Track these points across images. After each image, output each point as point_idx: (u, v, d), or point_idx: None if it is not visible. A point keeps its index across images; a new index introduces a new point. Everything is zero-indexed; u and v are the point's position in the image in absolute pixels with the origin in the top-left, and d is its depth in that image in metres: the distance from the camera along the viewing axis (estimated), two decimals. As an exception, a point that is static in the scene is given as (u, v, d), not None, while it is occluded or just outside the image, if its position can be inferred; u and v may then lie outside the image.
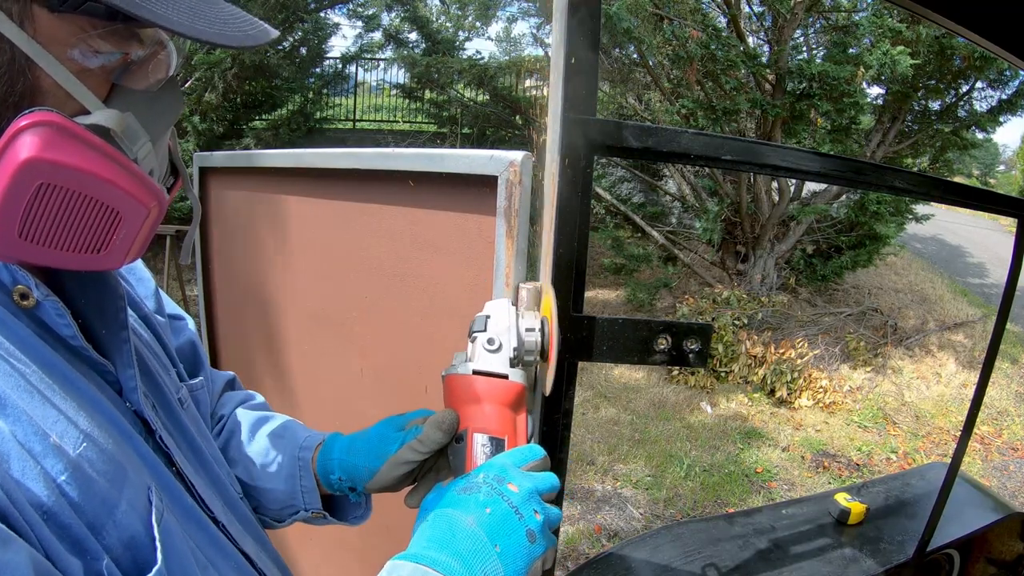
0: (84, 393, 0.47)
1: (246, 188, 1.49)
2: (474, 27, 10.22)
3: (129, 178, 0.45)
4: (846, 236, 6.73)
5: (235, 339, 1.68)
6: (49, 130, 0.41)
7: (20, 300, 0.46)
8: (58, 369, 0.46)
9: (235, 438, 0.76)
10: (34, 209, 0.41)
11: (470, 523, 0.49)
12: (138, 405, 0.53)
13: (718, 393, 5.07)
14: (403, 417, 0.68)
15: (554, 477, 0.56)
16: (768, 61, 5.75)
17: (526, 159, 0.80)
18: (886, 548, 1.30)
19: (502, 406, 0.59)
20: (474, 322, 0.64)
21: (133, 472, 0.46)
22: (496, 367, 0.60)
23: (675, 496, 3.67)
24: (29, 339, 0.45)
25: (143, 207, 0.46)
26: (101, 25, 0.44)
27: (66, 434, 0.42)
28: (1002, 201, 1.05)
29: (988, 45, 0.84)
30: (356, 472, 0.67)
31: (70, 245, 0.44)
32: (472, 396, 0.59)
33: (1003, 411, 5.21)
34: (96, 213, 0.44)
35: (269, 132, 7.19)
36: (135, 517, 0.45)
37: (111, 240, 0.46)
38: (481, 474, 0.53)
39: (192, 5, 0.45)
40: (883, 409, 5.06)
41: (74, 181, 0.42)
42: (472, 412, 0.59)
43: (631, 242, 7.18)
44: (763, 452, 4.26)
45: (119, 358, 0.52)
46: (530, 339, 0.63)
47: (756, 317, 5.83)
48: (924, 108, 6.43)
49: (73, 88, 0.43)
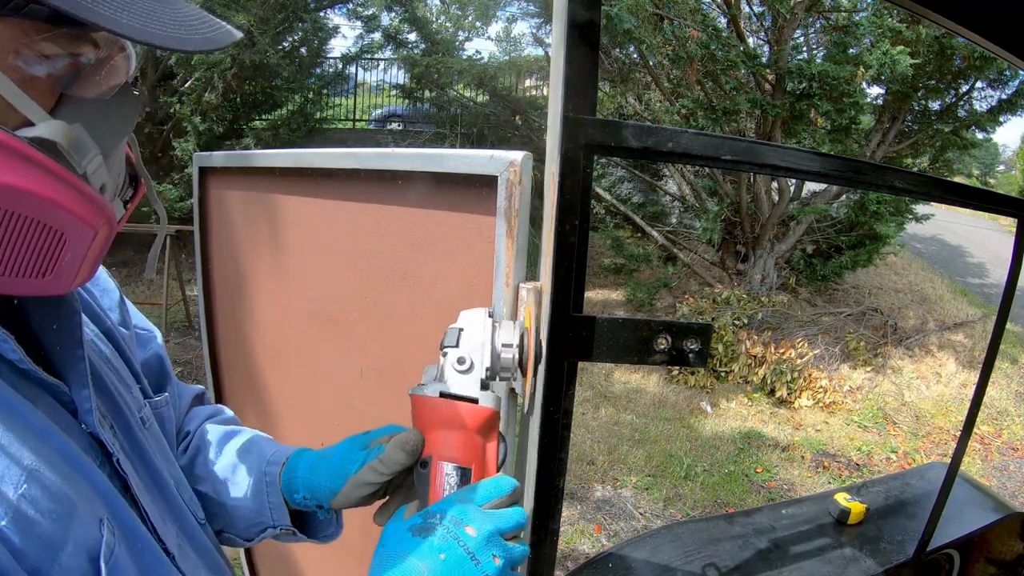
0: (28, 422, 0.44)
1: (246, 188, 1.49)
2: (474, 27, 10.23)
3: (74, 197, 0.42)
4: (846, 236, 6.74)
5: (235, 340, 1.68)
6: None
7: None
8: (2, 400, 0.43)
9: (202, 454, 0.74)
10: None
11: (422, 569, 0.47)
12: (93, 427, 0.50)
13: (718, 393, 5.07)
14: (368, 435, 0.66)
15: (520, 513, 0.53)
16: (768, 61, 5.75)
17: (526, 159, 0.80)
18: (886, 548, 1.30)
19: (470, 432, 0.56)
20: (446, 335, 0.60)
21: (83, 505, 0.44)
22: (465, 390, 0.56)
23: (675, 496, 3.68)
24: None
25: (90, 228, 0.43)
26: (45, 30, 0.41)
27: (6, 474, 0.40)
28: (1002, 201, 1.05)
29: (988, 45, 0.84)
30: (319, 491, 0.65)
31: (12, 270, 0.41)
32: (438, 420, 0.56)
33: (1003, 411, 5.21)
34: (38, 236, 0.41)
35: (269, 132, 7.20)
36: (83, 557, 0.42)
37: (57, 263, 0.43)
38: (438, 514, 0.51)
39: (146, 7, 0.42)
40: (883, 409, 5.06)
41: (12, 202, 0.39)
42: (438, 437, 0.56)
43: (631, 242, 7.18)
44: (763, 452, 4.26)
45: (74, 377, 0.49)
46: (506, 355, 0.59)
47: (756, 317, 5.83)
48: (924, 108, 6.44)
49: (14, 98, 0.40)
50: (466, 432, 0.56)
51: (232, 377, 1.72)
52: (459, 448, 0.55)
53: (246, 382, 1.65)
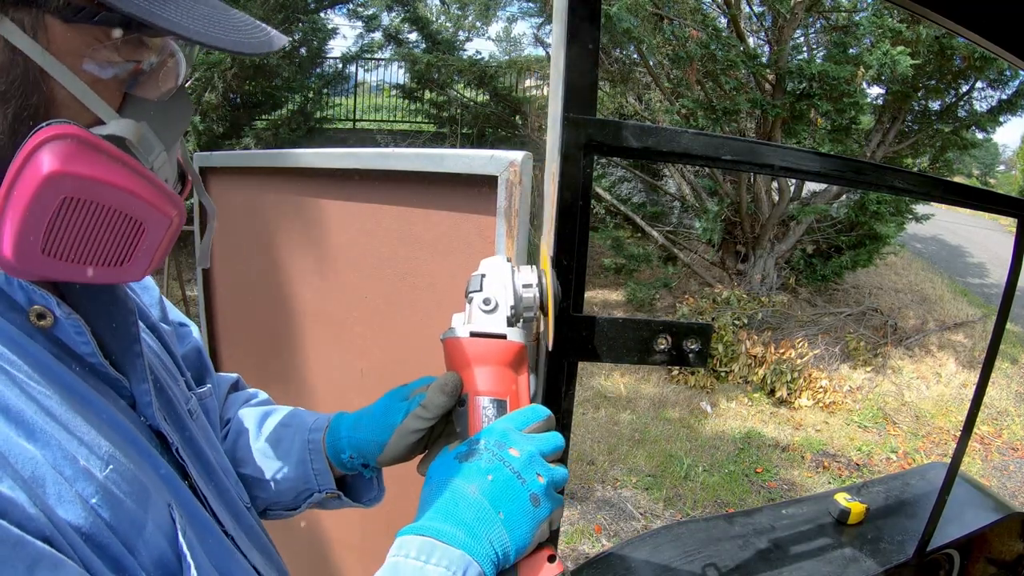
0: (103, 413, 0.47)
1: (246, 188, 1.49)
2: (474, 27, 10.23)
3: (151, 188, 0.44)
4: (846, 236, 6.73)
5: (235, 340, 1.68)
6: (70, 142, 0.40)
7: (37, 320, 0.45)
8: (77, 390, 0.46)
9: (243, 437, 0.76)
10: (58, 224, 0.40)
11: (473, 491, 0.50)
12: (153, 419, 0.53)
13: (718, 393, 5.07)
14: (407, 387, 0.68)
15: (558, 437, 0.56)
16: (768, 61, 5.75)
17: (526, 159, 0.80)
18: (886, 548, 1.30)
19: (502, 366, 0.59)
20: (470, 282, 0.62)
21: (154, 491, 0.47)
22: (493, 327, 0.59)
23: (675, 496, 3.68)
24: (46, 360, 0.45)
25: (165, 217, 0.46)
26: (115, 35, 0.43)
27: (91, 457, 0.43)
28: (1002, 201, 1.05)
29: (988, 45, 0.84)
30: (366, 447, 0.67)
31: (93, 259, 0.43)
32: (471, 358, 0.59)
33: (1003, 411, 5.21)
34: (120, 225, 0.43)
35: (269, 132, 7.19)
36: (161, 536, 0.45)
37: (134, 252, 0.45)
38: (482, 440, 0.53)
39: (206, 13, 0.45)
40: (883, 409, 5.06)
41: (98, 194, 0.41)
42: (473, 375, 0.59)
43: (631, 242, 7.18)
44: (763, 452, 4.26)
45: (133, 372, 0.52)
46: (527, 295, 0.62)
47: (756, 317, 5.83)
48: (924, 108, 6.44)
49: (88, 99, 0.43)
50: (499, 366, 0.59)
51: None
52: (494, 382, 0.58)
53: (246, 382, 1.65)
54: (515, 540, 0.49)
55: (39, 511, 0.37)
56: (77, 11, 0.41)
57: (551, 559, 0.52)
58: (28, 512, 0.36)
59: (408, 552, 0.47)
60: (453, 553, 0.47)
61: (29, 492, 0.37)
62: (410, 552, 0.47)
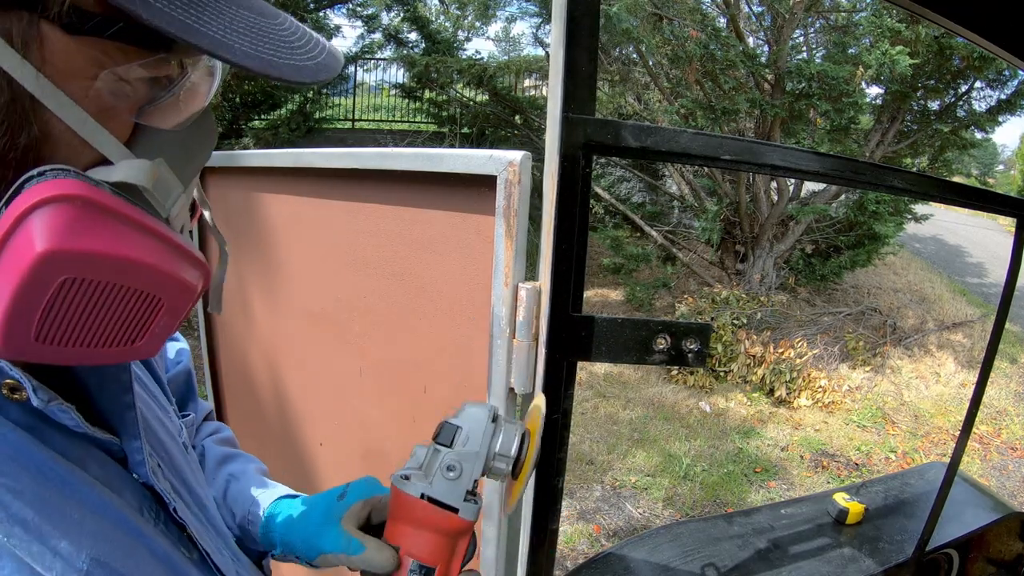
0: (85, 500, 0.39)
1: (245, 188, 1.49)
2: (474, 27, 10.22)
3: (170, 256, 0.36)
4: (845, 236, 6.74)
5: (234, 339, 1.68)
6: (70, 207, 0.31)
7: (10, 394, 0.38)
8: (55, 476, 0.38)
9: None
10: (55, 309, 0.32)
11: None
12: (147, 479, 0.46)
13: (717, 393, 5.07)
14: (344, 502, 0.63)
15: None
16: (767, 61, 5.75)
17: (525, 159, 0.79)
18: (885, 548, 1.30)
19: (444, 537, 0.57)
20: (442, 429, 0.58)
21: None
22: (448, 498, 0.56)
23: (674, 496, 3.68)
24: (17, 441, 0.37)
25: (189, 289, 0.38)
26: (136, 54, 0.34)
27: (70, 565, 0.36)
28: (1001, 201, 1.05)
29: (988, 45, 0.84)
30: (296, 552, 0.64)
31: (97, 341, 0.35)
32: (414, 520, 0.57)
33: (1002, 411, 5.21)
34: (132, 303, 0.35)
35: (269, 132, 7.20)
36: None
37: (149, 329, 0.37)
38: None
39: (252, 24, 0.35)
40: (882, 409, 5.07)
41: (105, 271, 0.33)
42: (409, 534, 0.57)
43: (630, 242, 7.18)
44: (762, 452, 4.26)
45: (123, 428, 0.45)
46: (499, 465, 0.58)
47: (755, 317, 5.84)
48: (923, 108, 6.44)
49: (92, 135, 0.34)
50: (439, 536, 0.57)
51: (231, 377, 1.72)
52: (428, 550, 0.57)
53: (245, 382, 1.65)
54: None
55: None
56: (86, 21, 0.31)
57: None
58: None
59: None
60: None
61: None
62: None
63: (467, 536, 0.59)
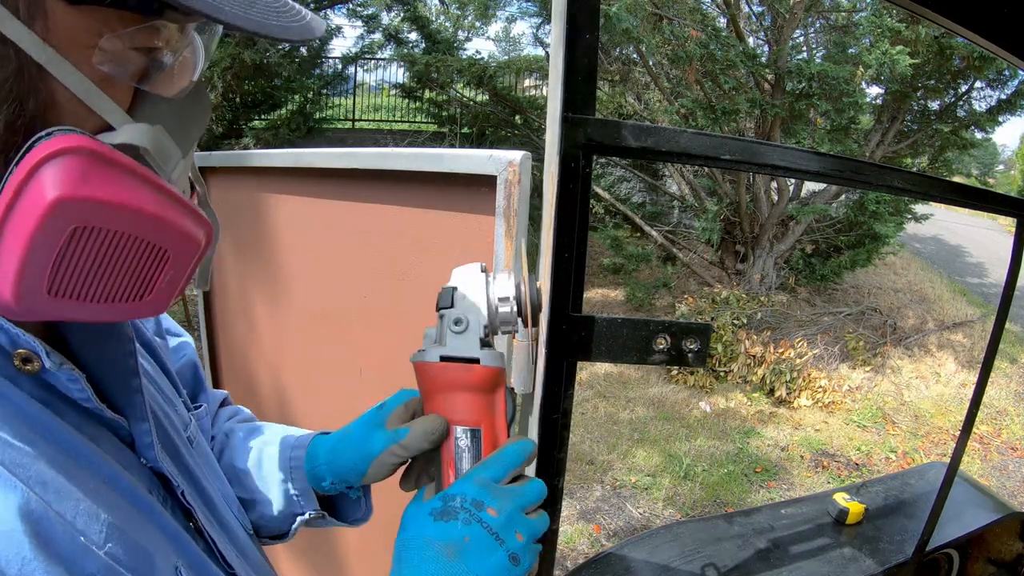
0: (99, 470, 0.41)
1: (245, 188, 1.49)
2: (474, 27, 10.22)
3: (175, 208, 0.38)
4: (845, 236, 6.74)
5: (234, 339, 1.68)
6: (79, 158, 0.33)
7: (22, 365, 0.39)
8: (71, 445, 0.39)
9: (227, 452, 0.73)
10: (66, 259, 0.34)
11: (449, 554, 0.48)
12: (155, 462, 0.47)
13: (717, 393, 5.07)
14: (384, 409, 0.64)
15: (540, 487, 0.54)
16: (767, 61, 5.75)
17: (525, 159, 0.80)
18: (885, 548, 1.30)
19: (475, 393, 0.56)
20: (440, 296, 0.58)
21: (159, 557, 0.42)
22: (465, 351, 0.55)
23: (674, 496, 3.68)
24: (32, 411, 0.38)
25: (192, 241, 0.40)
26: (134, 21, 0.36)
27: (89, 530, 0.37)
28: (1001, 201, 1.05)
29: (988, 45, 0.84)
30: (345, 474, 0.65)
31: (107, 295, 0.36)
32: (442, 385, 0.56)
33: (1002, 411, 5.21)
34: (139, 255, 0.37)
35: (269, 132, 7.19)
36: None
37: (156, 283, 0.39)
38: (458, 497, 0.51)
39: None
40: (882, 409, 5.07)
41: (114, 220, 0.34)
42: (444, 401, 0.56)
43: (630, 242, 7.19)
44: (762, 452, 4.26)
45: (131, 411, 0.46)
46: (504, 309, 0.57)
47: (755, 317, 5.84)
48: (923, 108, 6.44)
49: (94, 101, 0.36)
50: (471, 393, 0.56)
51: (231, 377, 1.72)
52: (466, 410, 0.56)
53: (245, 382, 1.65)
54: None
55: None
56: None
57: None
58: None
59: None
60: None
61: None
62: None
63: (500, 389, 0.58)
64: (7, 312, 0.35)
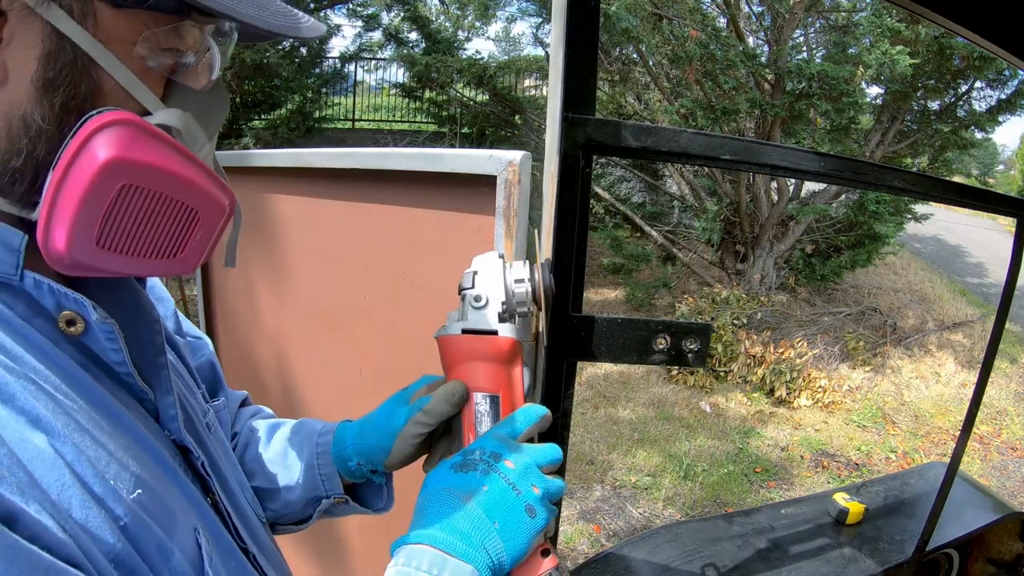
0: (130, 429, 0.45)
1: (245, 188, 1.49)
2: (474, 27, 10.22)
3: (205, 176, 0.44)
4: (845, 236, 6.74)
5: (234, 339, 1.68)
6: (127, 129, 0.40)
7: (66, 327, 0.43)
8: (105, 403, 0.44)
9: (252, 448, 0.75)
10: (114, 214, 0.39)
11: (468, 502, 0.50)
12: (178, 434, 0.51)
13: (717, 393, 5.07)
14: (408, 390, 0.69)
15: (556, 450, 0.56)
16: (767, 61, 5.75)
17: (525, 159, 0.80)
18: (885, 548, 1.30)
19: (494, 363, 0.60)
20: (463, 278, 0.64)
21: (181, 515, 0.45)
22: (484, 324, 0.60)
23: (674, 496, 3.68)
24: (73, 370, 0.42)
25: (219, 205, 0.46)
26: (166, 21, 0.42)
27: (119, 477, 0.40)
28: (1001, 201, 1.05)
29: (988, 45, 0.84)
30: (372, 454, 0.67)
31: (147, 250, 0.42)
32: (464, 355, 0.60)
33: (1002, 411, 5.21)
34: (175, 214, 0.43)
35: (268, 131, 7.20)
36: (187, 564, 0.44)
37: (188, 242, 0.45)
38: (477, 451, 0.54)
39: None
40: (882, 409, 5.07)
41: (156, 181, 0.41)
42: (465, 370, 0.60)
43: (630, 242, 7.19)
44: (762, 452, 4.26)
45: (158, 385, 0.50)
46: (519, 290, 0.62)
47: (755, 317, 5.84)
48: (923, 108, 6.44)
49: (134, 89, 0.42)
50: (491, 362, 0.60)
51: (231, 377, 1.72)
52: (486, 378, 0.60)
53: (245, 382, 1.65)
54: (511, 550, 0.50)
55: (67, 536, 0.35)
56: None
57: (544, 553, 0.53)
58: (57, 537, 0.34)
59: (420, 564, 0.47)
60: (464, 568, 0.47)
61: (57, 515, 0.35)
62: (421, 564, 0.47)
63: (517, 361, 0.62)
64: (58, 263, 0.40)
